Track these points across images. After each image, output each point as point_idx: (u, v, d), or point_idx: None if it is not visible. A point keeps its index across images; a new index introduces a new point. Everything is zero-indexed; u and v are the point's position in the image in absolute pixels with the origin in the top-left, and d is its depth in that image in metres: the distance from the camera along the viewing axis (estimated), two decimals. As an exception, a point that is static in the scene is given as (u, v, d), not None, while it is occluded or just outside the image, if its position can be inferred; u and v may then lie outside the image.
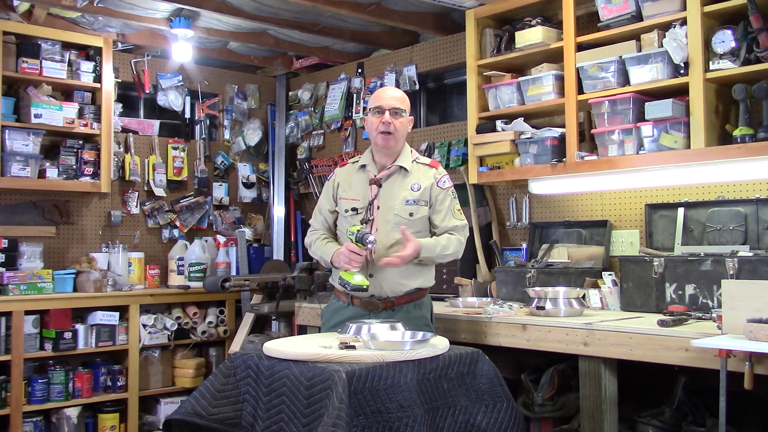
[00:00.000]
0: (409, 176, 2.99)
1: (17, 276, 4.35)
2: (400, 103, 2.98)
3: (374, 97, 3.04)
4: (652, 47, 3.29)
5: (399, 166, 3.00)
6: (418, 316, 2.99)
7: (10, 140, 4.39)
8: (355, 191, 3.02)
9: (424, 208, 2.97)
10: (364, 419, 2.25)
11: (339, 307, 3.04)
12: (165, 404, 4.88)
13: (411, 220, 2.94)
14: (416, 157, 3.07)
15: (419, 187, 2.97)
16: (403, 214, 2.94)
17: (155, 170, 5.25)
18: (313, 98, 5.65)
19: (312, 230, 3.17)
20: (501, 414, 2.60)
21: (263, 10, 4.47)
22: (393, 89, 3.12)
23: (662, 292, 3.19)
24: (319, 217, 3.15)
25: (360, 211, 2.97)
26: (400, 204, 2.95)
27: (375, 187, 2.99)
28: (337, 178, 3.11)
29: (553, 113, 3.87)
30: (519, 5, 3.82)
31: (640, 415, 3.07)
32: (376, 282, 2.91)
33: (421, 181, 2.99)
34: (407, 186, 2.98)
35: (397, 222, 2.92)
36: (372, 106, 3.00)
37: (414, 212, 2.95)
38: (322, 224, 3.13)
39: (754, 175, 3.18)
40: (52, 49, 4.59)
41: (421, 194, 2.97)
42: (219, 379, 2.60)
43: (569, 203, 4.00)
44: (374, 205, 2.96)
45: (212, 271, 5.26)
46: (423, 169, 3.03)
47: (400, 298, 2.95)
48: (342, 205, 3.04)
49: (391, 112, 2.93)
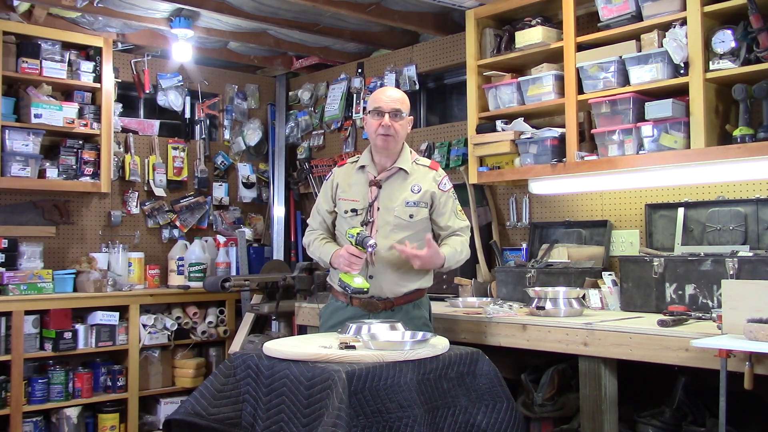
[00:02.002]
0: (409, 178, 2.98)
1: (17, 276, 4.35)
2: (400, 105, 2.95)
3: (373, 97, 3.00)
4: (652, 47, 3.29)
5: (399, 168, 2.99)
6: (418, 316, 2.99)
7: (10, 140, 4.39)
8: (355, 192, 3.00)
9: (424, 209, 2.97)
10: (364, 419, 2.25)
11: (337, 307, 3.03)
12: (165, 404, 4.88)
13: (411, 221, 2.94)
14: (416, 158, 3.05)
15: (419, 189, 2.97)
16: (404, 215, 2.93)
17: (155, 170, 5.25)
18: (313, 98, 5.65)
19: (310, 230, 3.15)
20: (501, 414, 2.60)
21: (263, 10, 4.47)
22: (392, 89, 3.08)
23: (662, 292, 3.19)
24: (317, 217, 3.13)
25: (360, 212, 2.96)
26: (400, 206, 2.94)
27: (375, 188, 2.97)
28: (336, 178, 3.09)
29: (553, 113, 3.87)
30: (519, 5, 3.82)
31: (640, 415, 3.07)
32: (376, 283, 2.91)
33: (421, 183, 2.98)
34: (407, 187, 2.97)
35: (397, 224, 2.92)
36: (371, 107, 2.96)
37: (414, 214, 2.94)
38: (320, 224, 3.11)
39: (754, 175, 3.18)
40: (52, 49, 4.59)
41: (421, 196, 2.96)
42: (219, 379, 2.60)
43: (569, 203, 4.00)
44: (374, 206, 2.95)
45: (212, 271, 5.26)
46: (423, 170, 3.02)
47: (400, 299, 2.95)
48: (341, 206, 3.02)
49: (390, 115, 2.91)
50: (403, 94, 3.02)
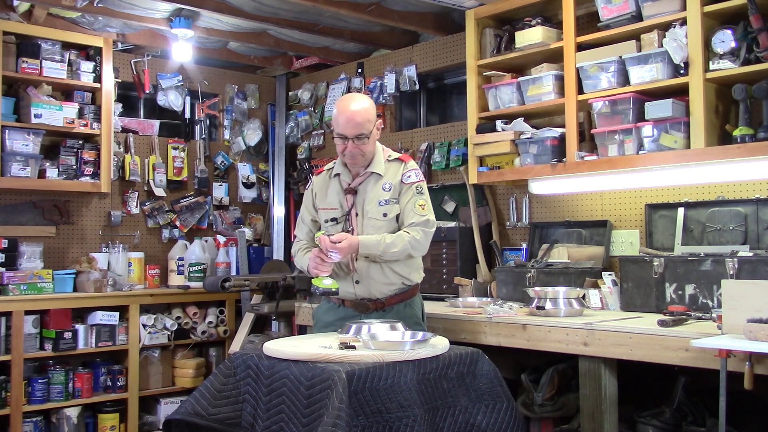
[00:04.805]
0: (383, 178, 2.96)
1: (17, 276, 4.35)
2: (362, 128, 2.82)
3: (335, 119, 2.87)
4: (652, 47, 3.29)
5: (372, 172, 2.96)
6: (410, 315, 2.99)
7: (10, 140, 4.39)
8: (331, 200, 3.00)
9: (396, 206, 2.94)
10: (364, 419, 2.25)
11: (329, 308, 3.04)
12: (165, 404, 4.88)
13: (386, 220, 2.93)
14: (389, 155, 3.01)
15: (390, 186, 2.95)
16: (377, 216, 2.92)
17: (155, 170, 5.25)
18: (313, 98, 5.65)
19: (297, 240, 3.15)
20: (501, 414, 2.60)
21: (263, 10, 4.47)
22: (352, 108, 2.85)
23: (662, 292, 3.19)
24: (303, 227, 3.13)
25: (339, 221, 2.96)
26: (374, 207, 2.93)
27: (351, 196, 2.96)
28: (315, 187, 3.08)
29: (553, 113, 3.87)
30: (519, 5, 3.82)
31: (640, 415, 3.07)
32: (363, 286, 2.93)
33: (391, 179, 2.96)
34: (380, 187, 2.95)
35: (373, 225, 2.92)
36: (335, 130, 2.87)
37: (387, 212, 2.93)
38: (306, 234, 3.12)
39: (754, 175, 3.18)
40: (52, 49, 4.59)
41: (392, 193, 2.94)
42: (219, 379, 2.60)
43: (569, 203, 4.00)
44: (352, 213, 2.94)
45: (212, 271, 5.26)
46: (394, 166, 2.99)
47: (391, 299, 2.96)
48: (321, 215, 3.03)
49: (354, 140, 2.84)
50: (364, 109, 2.86)
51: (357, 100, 2.91)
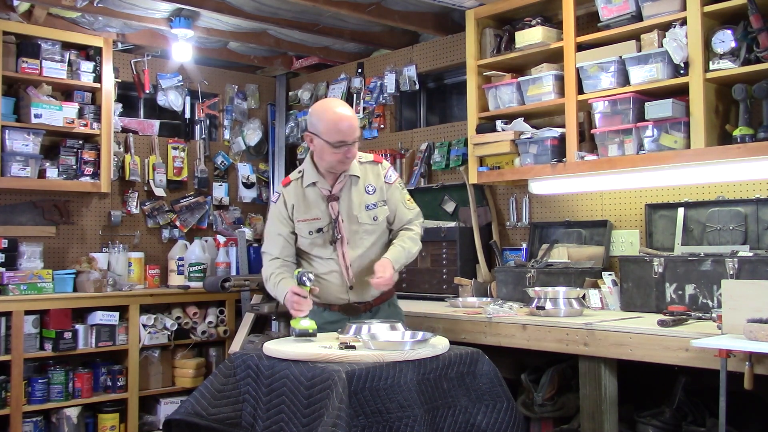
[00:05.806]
0: (361, 180, 2.94)
1: (17, 276, 4.35)
2: (358, 130, 2.85)
3: (332, 130, 2.76)
4: (652, 47, 3.29)
5: (350, 175, 2.92)
6: (394, 314, 3.04)
7: (10, 140, 4.39)
8: (315, 211, 2.91)
9: (383, 207, 2.96)
10: (364, 419, 2.25)
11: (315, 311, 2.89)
12: (165, 404, 4.88)
13: (377, 223, 2.94)
14: (359, 157, 2.97)
15: (374, 188, 2.95)
16: (368, 220, 2.92)
17: (155, 170, 5.24)
18: (313, 98, 5.64)
19: (270, 259, 2.96)
20: (501, 414, 2.60)
21: (263, 10, 4.47)
22: (346, 113, 2.82)
23: (662, 292, 3.19)
24: (277, 241, 2.95)
25: (326, 230, 2.90)
26: (362, 211, 2.91)
27: (334, 203, 2.90)
28: (288, 199, 2.95)
29: (553, 113, 3.87)
30: (519, 5, 3.82)
31: (640, 415, 3.07)
32: (357, 291, 2.93)
33: (372, 182, 2.96)
34: (362, 191, 2.93)
35: (365, 230, 2.92)
36: (333, 140, 2.76)
37: (377, 215, 2.94)
38: (281, 250, 2.95)
39: (754, 175, 3.18)
40: (52, 49, 4.59)
41: (377, 195, 2.95)
42: (219, 379, 2.60)
43: (569, 203, 4.00)
44: (339, 220, 2.90)
45: (212, 271, 5.25)
46: (370, 168, 2.99)
47: (377, 299, 2.99)
48: (302, 228, 2.92)
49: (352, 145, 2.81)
50: (354, 113, 2.88)
51: (342, 105, 2.90)
